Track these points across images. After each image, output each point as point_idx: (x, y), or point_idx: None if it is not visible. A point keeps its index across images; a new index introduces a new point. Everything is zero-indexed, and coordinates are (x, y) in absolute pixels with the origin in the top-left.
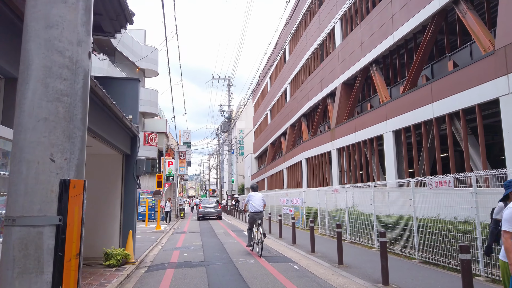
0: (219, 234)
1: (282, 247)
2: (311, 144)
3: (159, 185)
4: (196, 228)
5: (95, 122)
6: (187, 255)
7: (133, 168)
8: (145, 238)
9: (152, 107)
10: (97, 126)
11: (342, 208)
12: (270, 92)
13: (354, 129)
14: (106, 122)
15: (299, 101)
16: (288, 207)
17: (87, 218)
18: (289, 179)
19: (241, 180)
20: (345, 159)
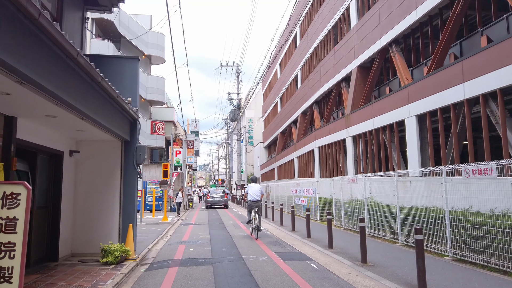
0: (228, 226)
1: (296, 241)
2: (324, 132)
3: (165, 174)
4: (204, 220)
5: (82, 101)
6: (193, 251)
7: (133, 155)
8: (150, 230)
9: (159, 95)
10: (86, 106)
11: (359, 199)
12: (280, 79)
13: (372, 115)
14: (98, 102)
15: (311, 87)
16: (300, 198)
17: (81, 212)
18: (300, 169)
19: (250, 170)
20: (362, 147)
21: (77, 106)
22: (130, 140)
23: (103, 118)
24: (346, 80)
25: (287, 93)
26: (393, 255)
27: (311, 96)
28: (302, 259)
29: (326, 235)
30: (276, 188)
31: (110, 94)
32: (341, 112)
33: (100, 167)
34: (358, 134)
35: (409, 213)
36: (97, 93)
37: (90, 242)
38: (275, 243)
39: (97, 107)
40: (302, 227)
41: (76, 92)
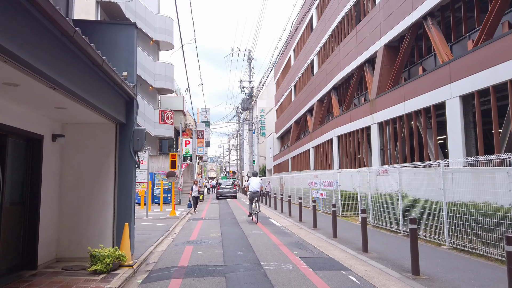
0: (242, 222)
1: (321, 241)
2: (344, 119)
3: (173, 165)
4: (215, 214)
5: (51, 64)
6: (202, 254)
7: (130, 141)
8: (155, 226)
9: (167, 83)
10: (59, 71)
11: (387, 192)
12: (294, 65)
13: (403, 98)
14: (77, 69)
15: (328, 72)
16: (319, 191)
17: (68, 208)
18: (316, 160)
19: (262, 162)
20: (390, 135)
21: (43, 69)
22: (126, 123)
23: (87, 91)
24: (369, 62)
25: (301, 80)
26: (446, 263)
27: (328, 81)
28: (335, 268)
29: (354, 234)
30: (291, 180)
31: (91, 57)
32: (363, 98)
33: (91, 155)
34: (385, 121)
35: (459, 210)
36: (81, 61)
37: (79, 245)
38: (298, 245)
39: (75, 74)
40: (324, 223)
41: (42, 51)
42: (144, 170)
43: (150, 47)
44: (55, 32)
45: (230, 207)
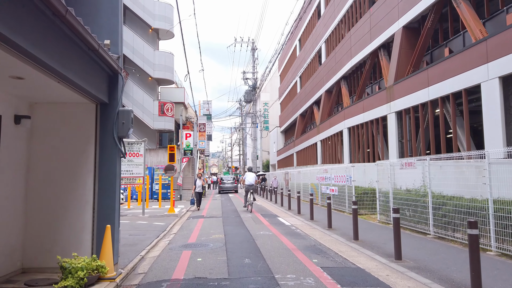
0: (247, 220)
1: (342, 245)
2: (356, 109)
3: (172, 158)
4: (217, 211)
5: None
6: (202, 263)
7: (114, 125)
8: (151, 225)
9: (167, 73)
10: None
11: (408, 188)
12: (300, 56)
13: (426, 83)
14: (45, 31)
15: (337, 61)
16: (329, 186)
17: (36, 208)
18: (324, 154)
19: (265, 156)
20: (411, 124)
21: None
22: (109, 103)
23: (49, 54)
24: (384, 47)
25: (308, 70)
26: (501, 274)
27: (338, 71)
28: (369, 283)
29: (376, 235)
30: (297, 176)
31: (52, 5)
32: (377, 86)
33: (65, 142)
34: (405, 109)
35: (509, 209)
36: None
37: (50, 252)
38: (315, 250)
39: (32, 29)
40: (339, 223)
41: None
42: (140, 163)
43: (149, 36)
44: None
45: (234, 203)
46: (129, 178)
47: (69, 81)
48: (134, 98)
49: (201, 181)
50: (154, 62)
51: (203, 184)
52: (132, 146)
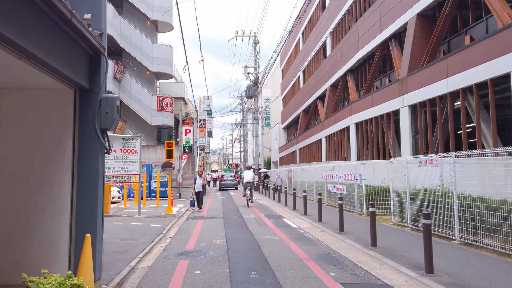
0: (250, 222)
1: (360, 254)
2: (364, 104)
3: (170, 155)
4: (218, 211)
5: None
6: (200, 276)
7: (96, 114)
8: (146, 227)
9: (166, 67)
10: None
11: (425, 187)
12: (304, 49)
13: (445, 73)
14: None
15: (344, 53)
16: (336, 185)
17: (2, 213)
18: (329, 150)
19: (267, 153)
20: (427, 119)
21: None
22: (90, 89)
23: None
24: (396, 37)
25: (312, 64)
26: None
27: (344, 64)
28: None
29: (396, 240)
30: (301, 173)
31: None
32: (387, 79)
33: (37, 135)
34: (419, 102)
35: None
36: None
37: (19, 267)
38: (330, 259)
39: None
40: (350, 225)
41: None
42: (136, 160)
43: (147, 28)
44: None
45: (235, 202)
46: (123, 176)
47: (35, 59)
48: (131, 93)
49: (202, 180)
50: (152, 55)
51: (203, 183)
52: (127, 141)
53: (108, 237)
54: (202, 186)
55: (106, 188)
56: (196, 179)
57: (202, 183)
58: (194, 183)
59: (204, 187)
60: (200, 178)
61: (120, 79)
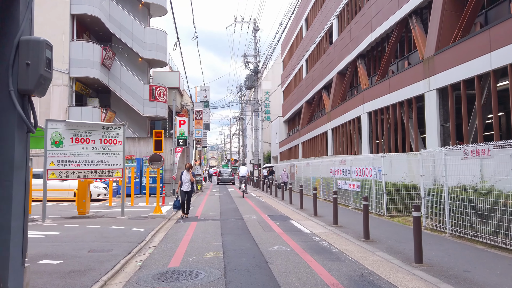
0: (252, 226)
1: (406, 275)
2: (379, 90)
3: (158, 146)
4: (215, 210)
5: None
6: None
7: (9, 68)
8: (127, 232)
9: (159, 53)
10: None
11: (463, 184)
12: (307, 36)
13: (487, 48)
14: None
15: (353, 37)
16: (348, 181)
17: None
18: (336, 144)
19: (267, 148)
20: (461, 103)
21: None
22: (2, 27)
23: None
24: (417, 13)
25: (316, 52)
26: None
27: (353, 48)
28: None
29: (438, 250)
30: (305, 169)
31: None
32: (406, 62)
33: None
34: (451, 84)
35: None
36: None
37: None
38: (368, 285)
39: None
40: (375, 230)
41: None
42: (118, 152)
43: (139, 12)
44: None
45: (234, 201)
46: (104, 170)
47: None
48: (122, 81)
49: (189, 175)
50: (144, 40)
51: (192, 179)
52: (108, 130)
53: (73, 247)
54: (191, 184)
55: (83, 184)
56: (183, 174)
57: (191, 180)
58: (180, 179)
59: (192, 185)
60: (188, 173)
61: (109, 66)
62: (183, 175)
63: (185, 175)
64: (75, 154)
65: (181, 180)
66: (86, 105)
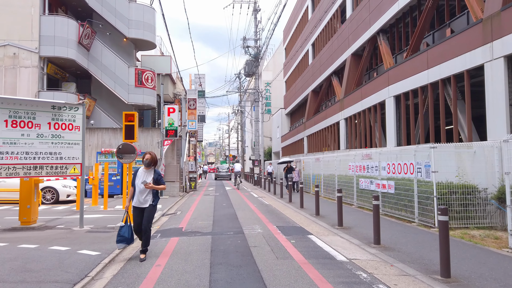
0: (256, 246)
1: None
2: (412, 67)
3: (129, 134)
4: (207, 217)
5: None
6: None
7: None
8: (71, 257)
9: (146, 32)
10: None
11: None
12: (314, 18)
13: None
14: None
15: (372, 10)
16: (375, 180)
17: None
18: (350, 135)
19: (267, 143)
20: None
21: None
22: None
23: None
24: None
25: (324, 34)
26: None
27: (372, 23)
28: None
29: None
30: (315, 164)
31: None
32: (448, 30)
33: None
34: None
35: None
36: None
37: None
38: None
39: None
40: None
41: None
42: (76, 141)
43: None
44: None
45: (232, 203)
46: (55, 166)
47: None
48: (103, 64)
49: (151, 177)
50: (129, 17)
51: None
52: (60, 112)
53: None
54: (154, 194)
55: (27, 185)
56: (137, 175)
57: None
58: (133, 183)
59: (156, 196)
60: (147, 173)
61: (88, 46)
62: (137, 177)
63: (140, 176)
64: (11, 144)
65: (133, 185)
66: (61, 90)
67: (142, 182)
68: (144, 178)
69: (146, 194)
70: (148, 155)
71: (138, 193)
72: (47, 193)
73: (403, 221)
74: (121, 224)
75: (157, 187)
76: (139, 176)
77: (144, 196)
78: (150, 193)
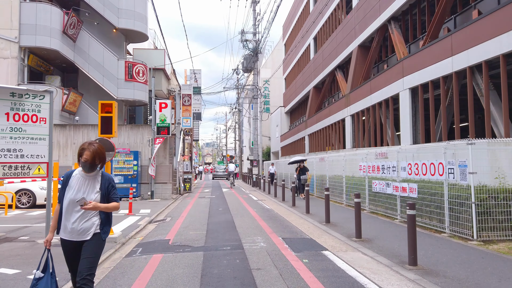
0: (259, 268)
1: None
2: (431, 55)
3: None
4: (200, 226)
5: None
6: None
7: None
8: None
9: (137, 22)
10: None
11: None
12: (315, 10)
13: None
14: None
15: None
16: (392, 183)
17: None
18: (357, 133)
19: (266, 143)
20: None
21: None
22: None
23: None
24: None
25: (328, 26)
26: None
27: (383, 10)
28: None
29: None
30: (319, 165)
31: None
32: (475, 11)
33: None
34: None
35: None
36: None
37: None
38: None
39: None
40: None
41: None
42: (42, 136)
43: None
44: None
45: (229, 208)
46: (13, 165)
47: None
48: (91, 56)
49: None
50: (119, 6)
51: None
52: (21, 100)
53: None
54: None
55: None
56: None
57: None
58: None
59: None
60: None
61: (74, 36)
62: (68, 188)
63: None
64: None
65: (60, 202)
66: (43, 83)
67: (78, 199)
68: (83, 190)
69: (88, 216)
70: (87, 151)
71: (71, 215)
72: (23, 196)
73: (429, 230)
74: (38, 274)
75: (106, 207)
76: (73, 187)
77: (84, 221)
78: (96, 214)
